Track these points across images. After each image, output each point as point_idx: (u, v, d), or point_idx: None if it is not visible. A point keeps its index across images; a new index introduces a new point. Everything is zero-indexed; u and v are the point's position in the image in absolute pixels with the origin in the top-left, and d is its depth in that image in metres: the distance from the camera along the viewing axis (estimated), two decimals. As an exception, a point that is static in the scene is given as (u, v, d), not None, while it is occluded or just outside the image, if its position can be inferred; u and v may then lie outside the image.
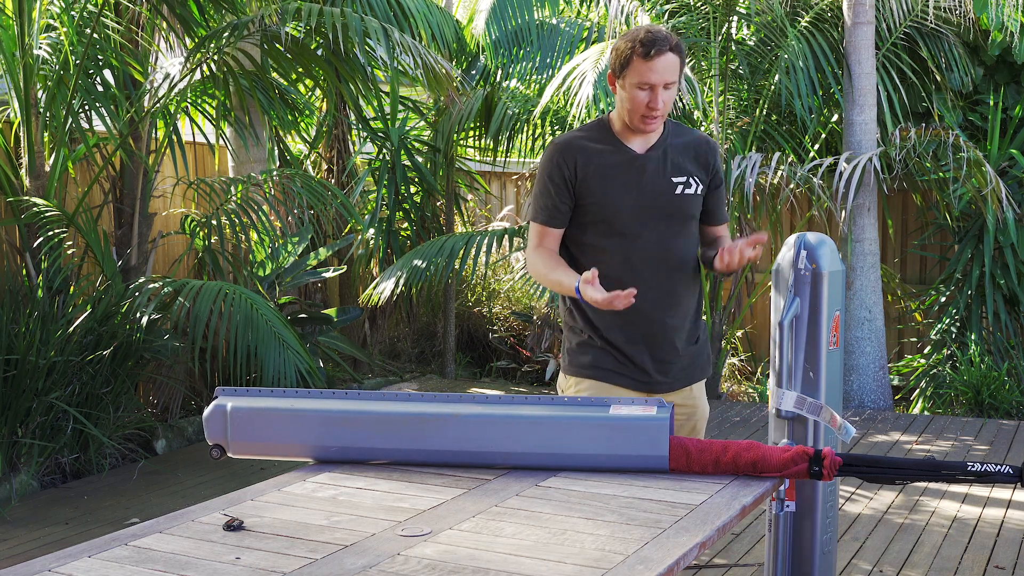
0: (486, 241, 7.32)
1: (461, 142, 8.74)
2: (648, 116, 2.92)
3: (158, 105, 6.50)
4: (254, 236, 7.07)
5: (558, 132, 8.25)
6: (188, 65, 6.45)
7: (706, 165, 3.05)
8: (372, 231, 8.40)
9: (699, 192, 3.03)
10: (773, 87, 7.85)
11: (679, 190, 2.99)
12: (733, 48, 7.88)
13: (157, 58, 6.99)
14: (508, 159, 8.46)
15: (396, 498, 2.33)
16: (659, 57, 2.86)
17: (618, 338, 3.00)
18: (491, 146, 8.44)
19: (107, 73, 6.45)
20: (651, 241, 2.97)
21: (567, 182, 2.98)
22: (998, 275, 7.69)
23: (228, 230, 6.80)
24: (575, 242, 3.05)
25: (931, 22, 7.87)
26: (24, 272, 6.09)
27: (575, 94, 7.16)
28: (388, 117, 8.44)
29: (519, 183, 9.85)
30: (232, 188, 6.80)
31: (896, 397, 8.07)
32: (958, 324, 7.89)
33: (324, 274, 7.60)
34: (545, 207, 3.01)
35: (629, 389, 3.00)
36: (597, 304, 2.81)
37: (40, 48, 6.21)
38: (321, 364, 7.17)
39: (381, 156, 8.51)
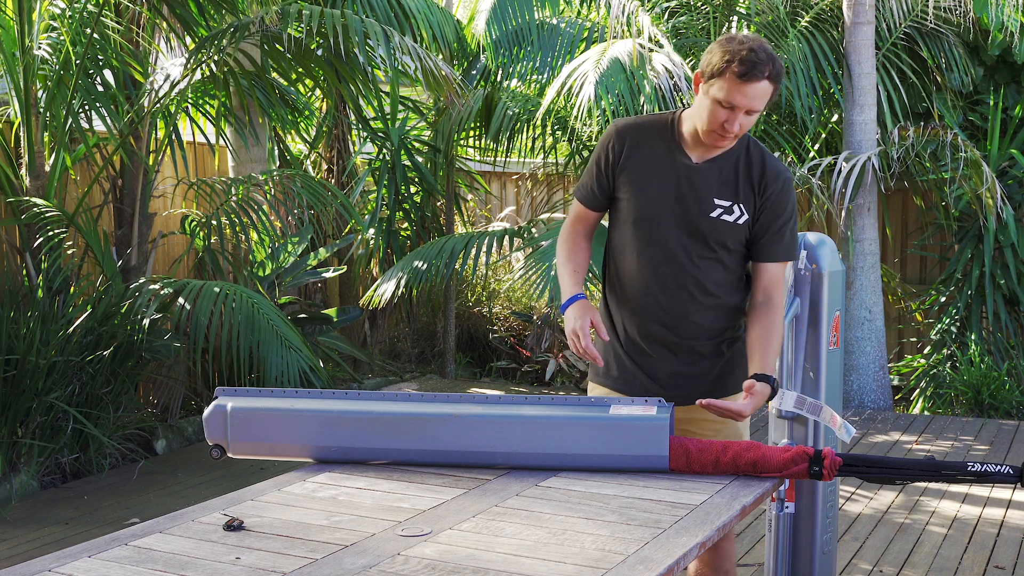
0: (486, 242, 7.31)
1: (461, 142, 8.74)
2: (720, 134, 2.71)
3: (158, 105, 6.50)
4: (254, 236, 7.07)
5: (559, 132, 8.26)
6: (189, 65, 6.45)
7: (762, 194, 2.78)
8: (372, 231, 8.40)
9: (741, 221, 2.77)
10: (773, 87, 7.84)
11: (716, 213, 2.76)
12: (733, 48, 7.86)
13: (157, 58, 6.99)
14: (508, 159, 8.46)
15: (396, 498, 2.33)
16: (754, 83, 2.63)
17: (631, 350, 2.90)
18: (491, 146, 8.43)
19: (107, 73, 6.44)
20: (672, 257, 2.79)
21: (609, 166, 2.85)
22: (998, 275, 7.69)
23: (228, 230, 6.79)
24: (607, 240, 2.94)
25: (931, 22, 7.86)
26: (24, 272, 6.09)
27: (576, 95, 7.15)
28: (388, 117, 8.44)
29: (519, 183, 9.85)
30: (232, 188, 6.80)
31: (896, 397, 8.07)
32: (958, 324, 7.89)
33: (324, 274, 7.60)
34: (584, 185, 2.94)
35: None
36: (567, 331, 2.80)
37: (40, 48, 6.20)
38: (321, 364, 7.17)
39: (381, 156, 8.51)
